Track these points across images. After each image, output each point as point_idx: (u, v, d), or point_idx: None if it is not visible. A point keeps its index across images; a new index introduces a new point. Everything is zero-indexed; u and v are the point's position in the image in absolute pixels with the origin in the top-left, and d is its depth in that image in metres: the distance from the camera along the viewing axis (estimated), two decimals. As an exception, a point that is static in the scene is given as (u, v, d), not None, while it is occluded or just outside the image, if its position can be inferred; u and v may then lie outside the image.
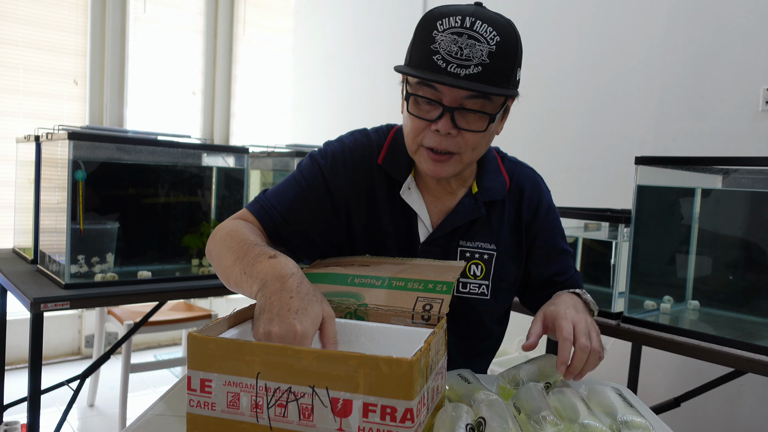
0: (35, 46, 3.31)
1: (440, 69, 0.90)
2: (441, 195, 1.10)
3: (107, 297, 1.74)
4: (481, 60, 0.90)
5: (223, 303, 3.93)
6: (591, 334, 0.94)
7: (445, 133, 0.94)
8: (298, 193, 1.06)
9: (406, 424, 0.57)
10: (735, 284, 1.62)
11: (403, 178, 1.07)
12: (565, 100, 2.63)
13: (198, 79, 3.97)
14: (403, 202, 1.07)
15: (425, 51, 0.92)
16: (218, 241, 0.99)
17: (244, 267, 0.86)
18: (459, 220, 1.07)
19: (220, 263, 0.96)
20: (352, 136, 1.12)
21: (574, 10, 2.61)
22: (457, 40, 0.90)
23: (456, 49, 0.90)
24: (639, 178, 1.56)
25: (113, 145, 1.87)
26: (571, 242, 1.86)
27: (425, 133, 0.97)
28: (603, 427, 0.71)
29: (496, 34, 0.92)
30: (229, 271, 0.92)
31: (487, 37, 0.91)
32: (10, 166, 2.76)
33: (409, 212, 1.08)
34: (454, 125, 0.94)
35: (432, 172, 0.99)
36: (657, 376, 2.26)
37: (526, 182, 1.16)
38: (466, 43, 0.90)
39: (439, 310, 0.78)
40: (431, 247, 1.07)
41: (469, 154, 0.99)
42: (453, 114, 0.93)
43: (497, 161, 1.15)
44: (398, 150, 1.08)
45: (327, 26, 4.04)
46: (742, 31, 2.05)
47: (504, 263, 1.11)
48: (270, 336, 0.71)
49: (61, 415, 1.95)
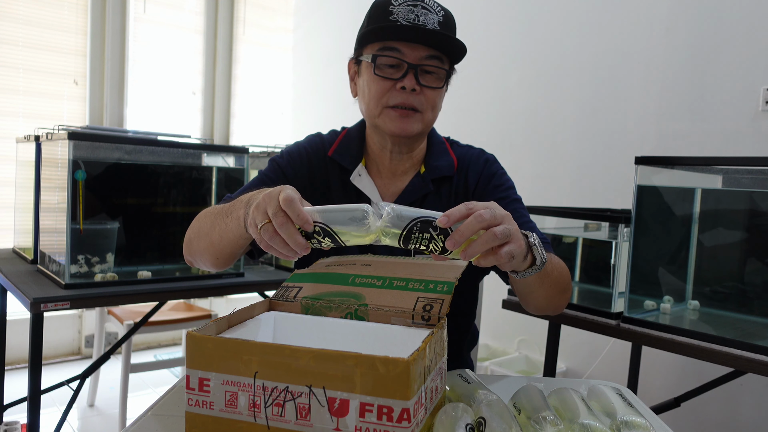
0: (35, 46, 3.31)
1: (403, 27, 1.02)
2: (392, 178, 1.17)
3: (107, 297, 1.74)
4: (434, 26, 1.04)
5: (223, 303, 3.93)
6: (503, 219, 0.75)
7: (410, 89, 1.03)
8: (259, 183, 1.15)
9: (402, 424, 0.57)
10: (735, 284, 1.62)
11: (353, 166, 1.15)
12: (565, 99, 2.63)
13: (198, 79, 3.97)
14: (356, 189, 1.14)
15: (384, 21, 1.03)
16: (192, 226, 1.07)
17: (226, 214, 0.94)
18: (408, 198, 1.13)
19: (201, 233, 1.02)
20: (306, 138, 1.24)
21: (574, 10, 2.61)
22: (413, 10, 1.03)
23: (413, 16, 1.02)
24: (639, 178, 1.56)
25: (113, 145, 1.87)
26: (571, 242, 1.86)
27: (390, 94, 1.05)
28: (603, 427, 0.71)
29: (441, 9, 1.07)
30: (211, 228, 0.98)
31: (436, 9, 1.05)
32: (10, 166, 2.76)
33: (363, 197, 1.14)
34: (417, 82, 1.04)
35: (399, 128, 1.06)
36: (657, 376, 2.26)
37: (473, 158, 1.21)
38: (421, 11, 1.03)
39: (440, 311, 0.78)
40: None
41: (429, 114, 1.08)
42: (416, 71, 1.04)
43: (445, 145, 1.22)
44: (350, 143, 1.18)
45: (327, 26, 4.04)
46: (742, 31, 2.05)
47: None
48: (258, 208, 0.77)
49: (61, 415, 1.95)
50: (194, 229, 1.06)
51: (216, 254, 1.00)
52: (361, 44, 1.09)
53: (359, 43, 1.10)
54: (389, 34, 1.03)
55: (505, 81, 2.91)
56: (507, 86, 2.89)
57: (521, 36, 2.84)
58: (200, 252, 1.04)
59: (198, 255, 1.05)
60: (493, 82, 2.95)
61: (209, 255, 1.02)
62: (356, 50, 1.12)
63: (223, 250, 0.98)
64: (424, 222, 0.73)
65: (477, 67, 3.00)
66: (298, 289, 0.87)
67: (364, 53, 1.08)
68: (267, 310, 0.85)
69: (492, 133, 2.91)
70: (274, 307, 0.86)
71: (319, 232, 0.75)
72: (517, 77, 2.85)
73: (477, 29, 3.02)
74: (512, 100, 2.86)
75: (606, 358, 2.42)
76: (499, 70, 2.93)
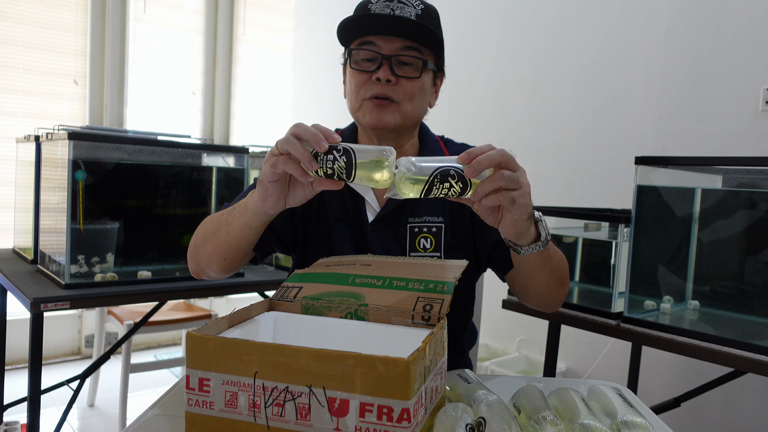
0: (35, 46, 3.31)
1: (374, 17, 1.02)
2: None
3: (107, 297, 1.74)
4: (410, 19, 1.03)
5: (223, 303, 3.93)
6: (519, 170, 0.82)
7: (385, 80, 1.03)
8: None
9: (402, 424, 0.57)
10: (735, 284, 1.62)
11: None
12: (565, 100, 2.63)
13: (198, 79, 3.97)
14: (350, 189, 1.13)
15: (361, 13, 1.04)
16: (196, 234, 1.08)
17: (230, 210, 0.97)
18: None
19: (206, 235, 1.03)
20: None
21: (574, 9, 2.61)
22: (389, 4, 1.03)
23: (389, 10, 1.03)
24: (639, 178, 1.56)
25: (113, 145, 1.87)
26: (571, 242, 1.86)
27: (366, 86, 1.05)
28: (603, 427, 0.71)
29: (421, 3, 1.06)
30: (218, 227, 1.00)
31: (414, 3, 1.05)
32: (10, 166, 2.76)
33: (356, 196, 1.13)
34: (392, 72, 1.03)
35: (375, 119, 1.05)
36: (657, 376, 2.26)
37: None
38: (397, 5, 1.03)
39: (440, 311, 0.78)
40: (380, 227, 1.11)
41: (407, 104, 1.06)
42: (390, 62, 1.03)
43: (439, 143, 1.21)
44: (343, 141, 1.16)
45: (327, 26, 4.04)
46: (742, 31, 2.05)
47: (454, 234, 1.13)
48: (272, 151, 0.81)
49: (61, 415, 1.95)
50: (199, 236, 1.06)
51: (223, 253, 1.00)
52: (344, 44, 1.10)
53: (342, 44, 1.11)
54: (362, 27, 1.04)
55: (504, 81, 2.91)
56: (507, 86, 2.89)
57: (521, 36, 2.84)
58: (207, 255, 1.03)
59: (205, 259, 1.05)
60: (492, 82, 2.95)
61: (216, 257, 1.02)
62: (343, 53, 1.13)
63: (229, 247, 0.99)
64: (443, 173, 0.77)
65: (476, 67, 3.00)
66: (298, 289, 0.87)
67: (345, 52, 1.10)
68: (267, 310, 0.85)
69: (492, 133, 2.91)
70: (274, 307, 0.86)
71: (341, 150, 0.77)
72: (517, 77, 2.85)
73: (476, 29, 3.02)
74: (512, 100, 2.86)
75: (606, 358, 2.42)
76: (499, 70, 2.93)
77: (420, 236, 1.12)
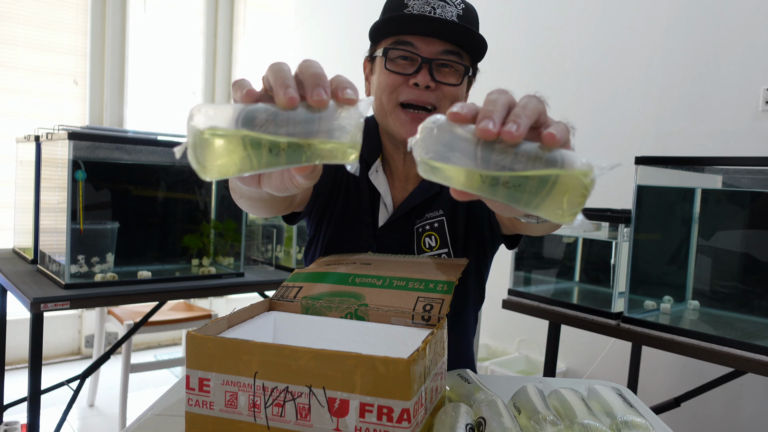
0: (35, 46, 3.31)
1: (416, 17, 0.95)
2: (404, 182, 1.11)
3: (107, 297, 1.74)
4: (452, 18, 0.96)
5: (223, 303, 3.93)
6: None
7: (424, 86, 0.96)
8: None
9: (402, 424, 0.57)
10: (735, 284, 1.62)
11: (372, 159, 1.09)
12: (565, 100, 2.63)
13: (198, 79, 3.97)
14: (370, 184, 1.09)
15: (399, 11, 0.96)
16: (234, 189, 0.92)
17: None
18: (413, 202, 1.08)
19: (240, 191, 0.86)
20: None
21: (574, 9, 2.61)
22: (429, 2, 0.95)
23: (429, 8, 0.95)
24: (639, 178, 1.56)
25: (113, 145, 1.87)
26: (571, 242, 1.86)
27: (401, 89, 0.98)
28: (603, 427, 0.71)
29: (462, 2, 0.99)
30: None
31: (456, 2, 0.98)
32: (10, 166, 2.76)
33: (375, 193, 1.09)
34: (432, 78, 0.96)
35: (409, 133, 0.98)
36: (657, 376, 2.26)
37: None
38: (438, 3, 0.95)
39: (440, 311, 0.78)
40: (389, 232, 1.08)
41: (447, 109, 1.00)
42: (431, 66, 0.96)
43: None
44: (368, 132, 1.09)
45: (327, 26, 4.04)
46: (742, 31, 2.05)
47: (457, 224, 1.10)
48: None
49: (61, 415, 1.95)
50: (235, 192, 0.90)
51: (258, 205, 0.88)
52: (375, 40, 1.02)
53: (372, 39, 1.03)
54: (401, 27, 0.96)
55: (505, 81, 2.91)
56: (507, 86, 2.88)
57: (521, 36, 2.84)
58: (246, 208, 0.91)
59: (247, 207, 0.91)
60: (493, 82, 2.95)
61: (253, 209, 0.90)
62: (370, 47, 1.05)
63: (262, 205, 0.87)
64: None
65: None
66: (298, 289, 0.87)
67: (377, 49, 1.02)
68: (267, 310, 0.85)
69: (492, 133, 2.91)
70: (274, 307, 0.86)
71: None
72: (517, 77, 2.85)
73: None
74: (512, 100, 2.86)
75: (606, 358, 2.42)
76: (499, 70, 2.93)
77: (424, 235, 1.09)
